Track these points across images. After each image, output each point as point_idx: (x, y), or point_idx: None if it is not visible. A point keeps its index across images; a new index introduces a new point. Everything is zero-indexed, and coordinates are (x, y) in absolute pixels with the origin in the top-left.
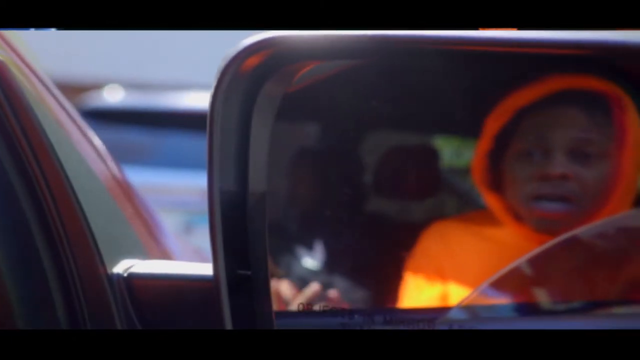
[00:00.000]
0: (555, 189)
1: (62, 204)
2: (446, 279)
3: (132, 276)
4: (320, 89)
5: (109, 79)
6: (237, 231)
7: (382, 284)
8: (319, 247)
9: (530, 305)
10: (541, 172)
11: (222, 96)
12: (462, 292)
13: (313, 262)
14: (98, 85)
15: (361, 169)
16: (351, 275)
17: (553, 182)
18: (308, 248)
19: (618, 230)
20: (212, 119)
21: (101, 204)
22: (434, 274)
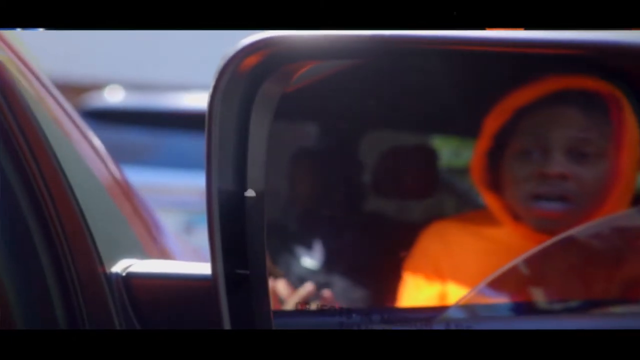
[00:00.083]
0: (554, 189)
1: (60, 203)
2: (445, 278)
3: (131, 276)
4: (318, 88)
5: (109, 79)
6: (235, 231)
7: (380, 284)
8: (318, 246)
9: (527, 305)
10: (540, 172)
11: (221, 96)
12: (461, 292)
13: (311, 261)
14: (98, 85)
15: (360, 168)
16: (349, 275)
17: (551, 181)
18: (306, 247)
19: (615, 230)
20: (211, 118)
21: (100, 203)
22: (433, 274)
